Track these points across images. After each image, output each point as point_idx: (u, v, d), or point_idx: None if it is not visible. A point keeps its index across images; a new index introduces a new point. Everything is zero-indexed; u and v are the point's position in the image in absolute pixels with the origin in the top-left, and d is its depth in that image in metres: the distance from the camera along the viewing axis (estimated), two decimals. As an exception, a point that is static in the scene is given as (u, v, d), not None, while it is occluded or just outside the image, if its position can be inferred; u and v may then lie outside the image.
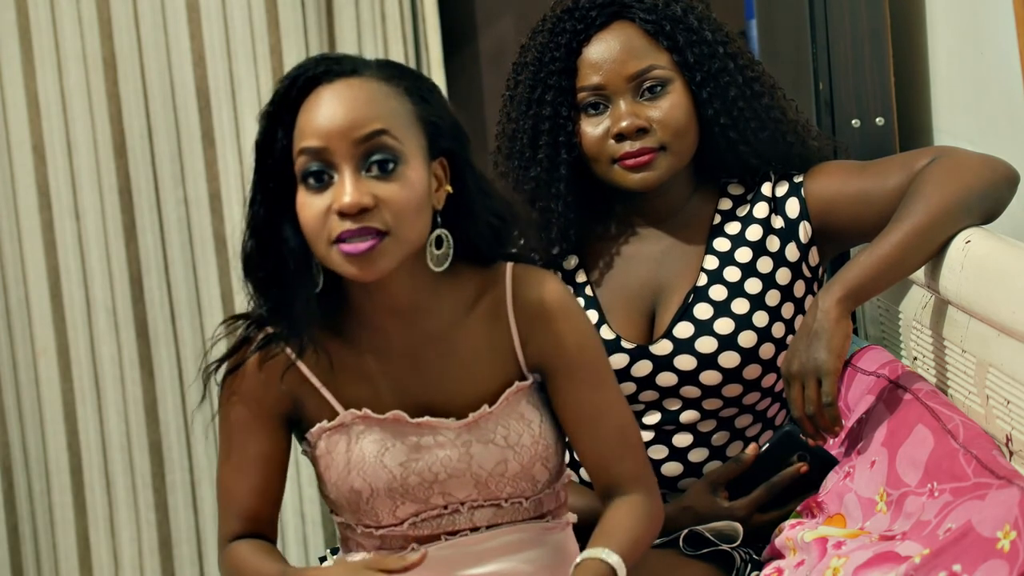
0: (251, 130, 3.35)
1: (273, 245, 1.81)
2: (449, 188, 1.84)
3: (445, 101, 1.86)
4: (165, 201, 3.41)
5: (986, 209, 2.12)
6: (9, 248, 3.40)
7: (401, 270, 1.81)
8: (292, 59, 3.37)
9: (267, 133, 1.80)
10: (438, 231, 1.83)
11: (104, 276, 3.41)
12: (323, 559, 2.26)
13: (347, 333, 1.88)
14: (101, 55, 3.36)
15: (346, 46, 3.39)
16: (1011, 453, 1.94)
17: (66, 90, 3.37)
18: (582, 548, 1.98)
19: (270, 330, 1.87)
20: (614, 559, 1.84)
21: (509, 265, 1.90)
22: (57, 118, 3.37)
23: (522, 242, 1.94)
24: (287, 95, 1.79)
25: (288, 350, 1.87)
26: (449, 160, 1.84)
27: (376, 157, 1.77)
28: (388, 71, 1.82)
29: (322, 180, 1.77)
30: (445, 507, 1.88)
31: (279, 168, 1.79)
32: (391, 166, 1.77)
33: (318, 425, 1.89)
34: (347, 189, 1.75)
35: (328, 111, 1.77)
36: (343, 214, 1.75)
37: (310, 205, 1.77)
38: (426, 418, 1.86)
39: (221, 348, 1.93)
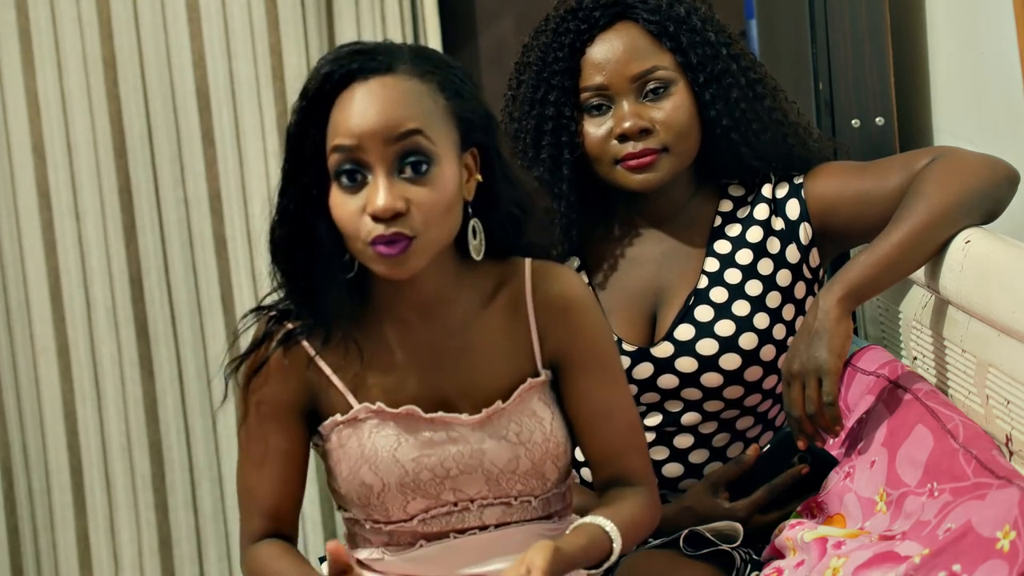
0: (251, 130, 3.39)
1: (303, 236, 1.82)
2: (479, 177, 1.85)
3: (476, 90, 1.86)
4: (165, 201, 3.40)
5: (986, 209, 2.12)
6: (9, 248, 3.39)
7: (430, 263, 1.82)
8: (292, 59, 3.37)
9: (300, 127, 1.80)
10: (473, 221, 1.84)
11: (104, 276, 3.41)
12: (323, 559, 2.26)
13: (368, 326, 1.88)
14: (101, 55, 3.36)
15: (346, 46, 3.39)
16: (1011, 453, 1.94)
17: (66, 90, 3.36)
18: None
19: (290, 325, 1.88)
20: (610, 527, 1.85)
21: (527, 260, 1.90)
22: (57, 118, 3.37)
23: (539, 234, 1.93)
24: (320, 90, 1.79)
25: (307, 345, 1.87)
26: (479, 150, 1.85)
27: (410, 159, 1.77)
28: (422, 65, 1.81)
29: (355, 180, 1.78)
30: (455, 504, 1.88)
31: (311, 162, 1.80)
32: (424, 168, 1.77)
33: (331, 419, 1.89)
34: (380, 193, 1.76)
35: (362, 110, 1.77)
36: (376, 218, 1.76)
37: (344, 205, 1.78)
38: (440, 413, 1.87)
39: (225, 343, 1.93)
